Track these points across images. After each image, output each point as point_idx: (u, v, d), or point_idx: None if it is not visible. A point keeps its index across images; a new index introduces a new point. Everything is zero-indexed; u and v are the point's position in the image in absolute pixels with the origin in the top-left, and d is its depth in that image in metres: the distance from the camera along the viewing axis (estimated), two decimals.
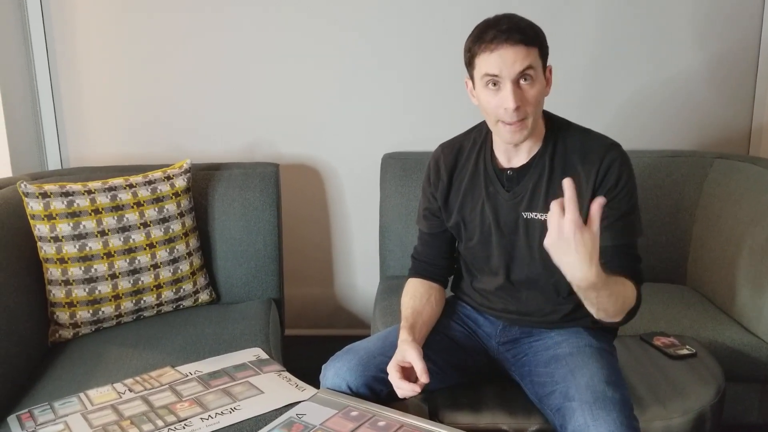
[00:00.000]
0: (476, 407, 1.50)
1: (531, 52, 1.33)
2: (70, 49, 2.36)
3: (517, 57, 1.32)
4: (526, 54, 1.33)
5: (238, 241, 2.16)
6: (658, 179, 2.29)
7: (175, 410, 1.49)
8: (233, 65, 2.40)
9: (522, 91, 1.35)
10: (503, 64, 1.33)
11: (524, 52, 1.32)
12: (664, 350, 1.72)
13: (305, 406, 1.40)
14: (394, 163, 2.35)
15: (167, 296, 2.00)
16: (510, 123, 1.37)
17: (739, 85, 2.42)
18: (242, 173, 2.22)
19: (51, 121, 2.40)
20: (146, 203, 1.97)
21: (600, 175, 1.42)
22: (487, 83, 1.37)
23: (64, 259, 1.85)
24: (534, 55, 1.34)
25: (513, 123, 1.37)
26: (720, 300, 2.09)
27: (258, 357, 1.75)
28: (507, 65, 1.33)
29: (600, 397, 1.31)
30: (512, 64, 1.32)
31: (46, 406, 1.54)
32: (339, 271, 2.61)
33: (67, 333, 1.88)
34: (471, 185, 1.53)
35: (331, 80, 2.42)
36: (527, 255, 1.49)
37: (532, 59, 1.34)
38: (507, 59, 1.32)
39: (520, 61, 1.33)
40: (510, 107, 1.34)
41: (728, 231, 2.09)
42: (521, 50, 1.32)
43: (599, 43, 2.39)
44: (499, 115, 1.37)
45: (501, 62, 1.33)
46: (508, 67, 1.33)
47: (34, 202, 1.84)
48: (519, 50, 1.32)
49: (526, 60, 1.33)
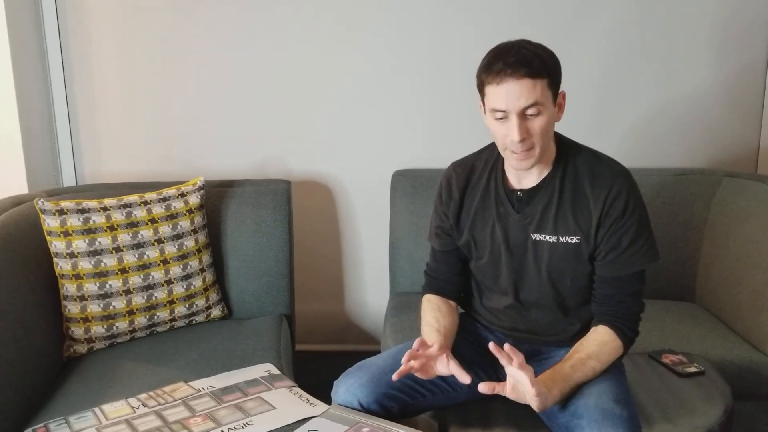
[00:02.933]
0: (486, 424, 1.51)
1: (538, 85, 1.34)
2: (86, 66, 2.40)
3: (523, 92, 1.34)
4: (532, 88, 1.34)
5: (251, 257, 2.19)
6: (667, 197, 2.31)
7: (188, 425, 1.51)
8: (245, 83, 2.44)
9: (528, 123, 1.37)
10: (508, 98, 1.35)
11: (530, 86, 1.33)
12: (673, 368, 1.73)
13: (317, 422, 1.42)
14: (404, 181, 2.38)
15: (180, 312, 2.03)
16: (516, 153, 1.39)
17: (748, 104, 2.44)
18: (255, 190, 2.25)
19: (66, 138, 2.43)
20: (160, 220, 2.00)
21: (608, 203, 1.44)
22: (495, 115, 1.39)
23: (80, 275, 1.88)
24: (541, 86, 1.35)
25: (519, 153, 1.39)
26: (728, 318, 2.10)
27: (270, 372, 1.77)
28: (512, 100, 1.34)
29: (608, 415, 1.32)
30: (517, 98, 1.34)
31: (62, 421, 1.56)
32: (349, 286, 2.63)
33: (81, 348, 1.90)
34: (482, 205, 1.56)
35: (342, 97, 2.45)
36: (536, 276, 1.51)
37: (538, 93, 1.34)
38: (512, 94, 1.34)
39: (526, 97, 1.34)
40: (515, 140, 1.36)
41: (737, 249, 2.10)
42: (527, 84, 1.33)
43: (609, 62, 2.41)
44: (506, 144, 1.40)
45: (506, 97, 1.35)
46: (513, 102, 1.34)
47: (51, 219, 1.87)
48: (525, 84, 1.33)
49: (532, 95, 1.34)
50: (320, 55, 2.42)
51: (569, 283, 1.51)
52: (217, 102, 2.45)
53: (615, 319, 1.46)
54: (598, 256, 1.47)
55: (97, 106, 2.44)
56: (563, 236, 1.47)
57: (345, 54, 2.42)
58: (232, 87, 2.44)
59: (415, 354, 1.37)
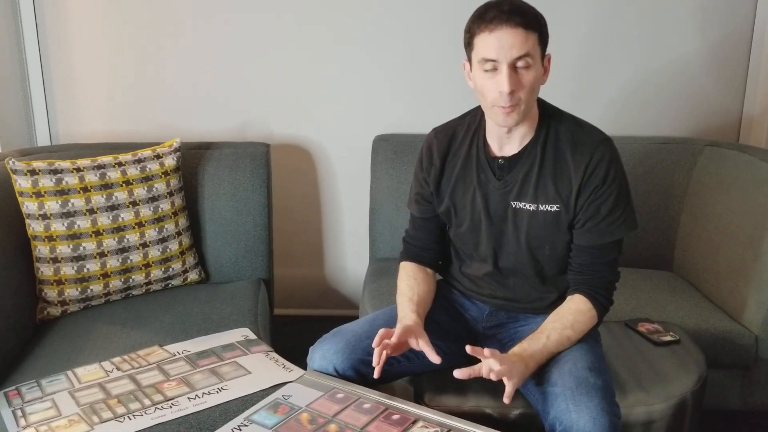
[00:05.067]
0: (461, 391, 1.52)
1: (530, 37, 1.33)
2: (61, 24, 2.33)
3: (516, 41, 1.31)
4: (525, 38, 1.32)
5: (228, 220, 2.16)
6: (648, 166, 2.30)
7: (162, 389, 1.50)
8: (225, 44, 2.38)
9: (518, 76, 1.35)
10: (501, 47, 1.32)
11: (523, 36, 1.32)
12: (648, 336, 1.74)
13: (291, 388, 1.42)
14: (385, 145, 2.35)
15: (156, 275, 2.01)
16: (503, 107, 1.37)
17: (732, 74, 2.43)
18: (233, 153, 2.21)
19: (40, 97, 2.37)
20: (135, 182, 1.96)
21: (588, 171, 1.42)
22: (485, 66, 1.36)
23: (53, 237, 1.85)
24: (533, 40, 1.33)
25: (506, 107, 1.37)
26: (705, 287, 2.12)
27: (246, 337, 1.76)
28: (505, 49, 1.32)
29: (582, 383, 1.32)
30: (510, 48, 1.32)
31: (34, 384, 1.55)
32: (329, 252, 2.62)
33: (55, 311, 1.88)
34: (463, 172, 1.54)
35: (323, 60, 2.41)
36: (515, 244, 1.50)
37: (530, 45, 1.33)
38: (505, 42, 1.32)
39: (518, 46, 1.32)
40: (505, 90, 1.34)
41: (716, 219, 2.11)
42: (520, 34, 1.31)
43: (593, 30, 2.39)
44: (495, 98, 1.37)
45: (499, 45, 1.32)
46: (505, 51, 1.32)
47: (23, 179, 1.83)
48: (518, 33, 1.31)
49: (525, 45, 1.32)
50: (302, 17, 2.36)
51: (548, 252, 1.50)
52: (197, 62, 2.40)
53: (590, 288, 1.47)
54: (577, 224, 1.46)
55: (73, 64, 2.38)
56: (543, 204, 1.46)
57: (327, 16, 2.37)
58: (212, 48, 2.39)
59: (382, 345, 1.37)
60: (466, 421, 1.30)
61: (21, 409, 1.45)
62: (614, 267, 1.50)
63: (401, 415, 1.31)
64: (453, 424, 1.29)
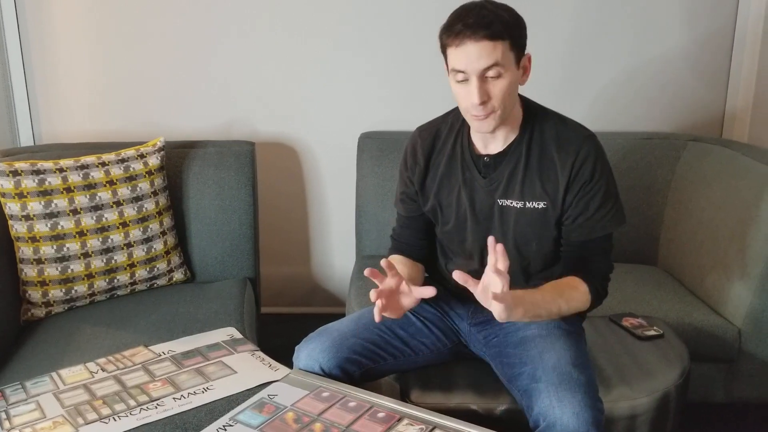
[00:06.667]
0: (447, 388, 1.52)
1: (498, 47, 1.31)
2: (43, 23, 2.31)
3: (482, 53, 1.31)
4: (492, 49, 1.31)
5: (213, 220, 2.15)
6: (632, 161, 2.31)
7: (147, 390, 1.50)
8: (209, 42, 2.37)
9: (488, 86, 1.35)
10: (468, 60, 1.32)
11: (489, 48, 1.31)
12: (632, 331, 1.76)
13: (277, 387, 1.42)
14: (370, 143, 2.35)
15: (141, 275, 2.00)
16: (476, 115, 1.37)
17: (715, 70, 2.45)
18: (217, 151, 2.20)
19: (23, 97, 2.35)
20: (119, 182, 1.95)
21: (575, 168, 1.43)
22: (456, 77, 1.37)
23: (36, 238, 1.83)
24: (501, 49, 1.32)
25: (479, 115, 1.37)
26: (689, 281, 2.13)
27: (232, 336, 1.76)
28: (471, 61, 1.32)
29: (566, 379, 1.33)
30: (477, 59, 1.31)
31: (18, 386, 1.54)
32: (316, 249, 2.62)
33: (39, 312, 1.87)
34: (448, 170, 1.54)
35: (308, 58, 2.40)
36: (501, 241, 1.49)
37: (498, 55, 1.32)
38: (471, 55, 1.31)
39: (485, 58, 1.31)
40: (475, 102, 1.34)
41: (699, 213, 2.12)
42: (486, 46, 1.31)
43: (577, 28, 2.39)
44: (467, 107, 1.38)
45: (466, 58, 1.32)
46: (472, 63, 1.32)
47: (5, 180, 1.82)
48: (484, 46, 1.31)
49: (491, 56, 1.31)
50: (287, 15, 2.36)
51: (535, 249, 1.51)
52: (180, 60, 2.39)
53: (586, 275, 1.46)
54: (566, 220, 1.47)
55: (55, 65, 2.36)
56: (530, 201, 1.46)
57: (312, 14, 2.36)
58: (195, 45, 2.38)
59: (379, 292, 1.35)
60: (452, 418, 1.30)
61: (5, 411, 1.44)
62: (608, 257, 1.50)
63: (386, 413, 1.32)
64: (438, 421, 1.29)
